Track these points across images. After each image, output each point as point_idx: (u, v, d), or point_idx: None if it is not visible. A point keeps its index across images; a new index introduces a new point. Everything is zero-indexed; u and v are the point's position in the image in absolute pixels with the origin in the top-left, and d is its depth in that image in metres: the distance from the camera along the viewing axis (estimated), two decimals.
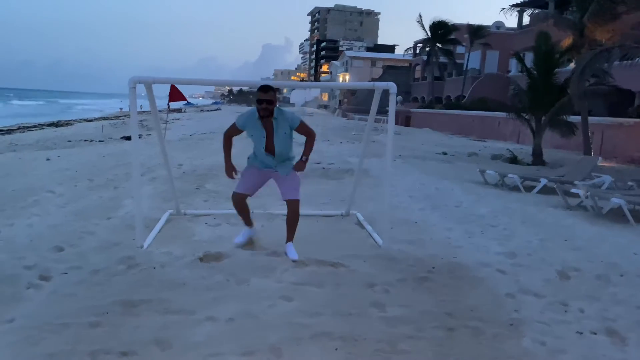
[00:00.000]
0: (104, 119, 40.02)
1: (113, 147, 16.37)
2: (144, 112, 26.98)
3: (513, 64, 36.29)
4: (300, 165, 4.98)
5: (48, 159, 12.05)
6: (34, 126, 28.13)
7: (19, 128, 26.09)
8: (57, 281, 4.19)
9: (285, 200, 5.04)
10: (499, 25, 44.83)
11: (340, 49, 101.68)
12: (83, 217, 6.40)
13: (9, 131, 23.68)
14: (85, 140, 19.20)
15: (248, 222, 5.29)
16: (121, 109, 56.92)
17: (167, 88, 6.20)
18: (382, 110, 6.36)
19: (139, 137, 7.03)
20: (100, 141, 19.17)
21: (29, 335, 3.23)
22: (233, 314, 3.62)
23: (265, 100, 4.68)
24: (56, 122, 32.15)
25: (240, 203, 5.10)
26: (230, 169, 5.13)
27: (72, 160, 11.99)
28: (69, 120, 34.62)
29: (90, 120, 37.73)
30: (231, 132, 5.13)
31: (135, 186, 5.50)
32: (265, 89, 4.71)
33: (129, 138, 17.70)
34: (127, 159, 10.85)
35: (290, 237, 5.08)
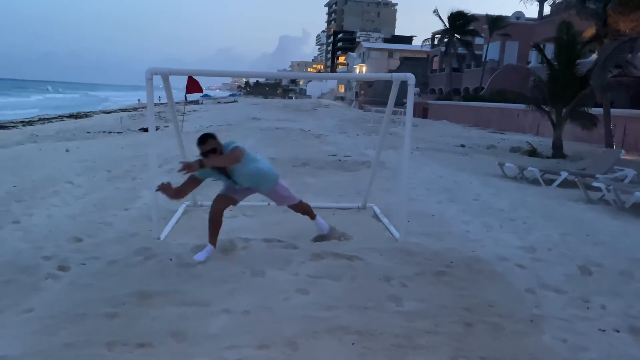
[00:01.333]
0: (123, 110, 40.37)
1: (131, 138, 16.49)
2: (161, 103, 27.14)
3: (533, 55, 35.65)
4: (192, 165, 4.26)
5: (67, 150, 12.19)
6: (54, 117, 28.47)
7: (39, 119, 26.43)
8: (75, 271, 4.22)
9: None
10: (518, 15, 44.07)
11: (357, 40, 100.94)
12: (101, 208, 6.46)
13: (30, 122, 24.00)
14: (103, 132, 19.37)
15: (214, 239, 4.65)
16: (139, 100, 57.35)
17: (185, 80, 6.19)
18: (399, 102, 6.28)
19: (157, 129, 7.04)
20: (118, 132, 19.33)
21: (47, 324, 3.26)
22: (248, 306, 3.61)
23: (207, 152, 4.39)
24: (75, 113, 32.50)
25: (219, 213, 4.66)
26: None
27: (91, 152, 12.10)
28: (88, 112, 34.98)
29: (109, 112, 38.10)
30: (191, 185, 4.66)
31: (152, 177, 5.51)
32: (202, 140, 4.42)
33: (146, 130, 17.81)
34: (145, 151, 10.91)
35: (312, 215, 5.24)
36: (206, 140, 4.43)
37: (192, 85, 5.87)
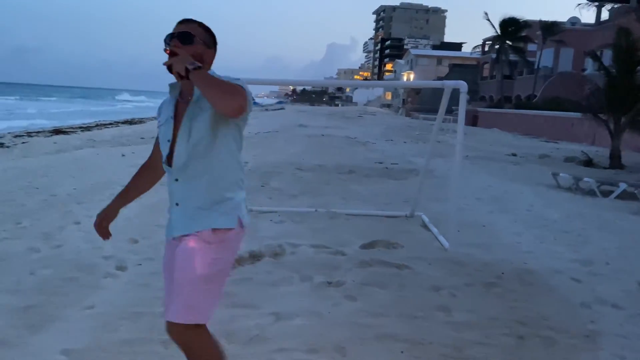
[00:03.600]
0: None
1: None
2: None
3: (589, 62, 34.41)
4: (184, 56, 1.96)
5: (123, 155, 12.69)
6: (110, 123, 29.68)
7: (96, 125, 27.61)
8: (132, 271, 4.40)
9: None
10: (574, 21, 42.65)
11: (405, 47, 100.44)
12: (155, 210, 6.68)
13: (87, 128, 25.12)
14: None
15: None
16: None
17: None
18: (449, 110, 6.22)
19: None
20: None
21: (107, 321, 3.41)
22: (297, 310, 3.65)
23: (181, 36, 2.09)
24: (130, 120, 33.77)
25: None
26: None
27: (145, 157, 12.45)
28: (141, 118, 36.27)
29: None
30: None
31: None
32: (183, 21, 2.16)
33: None
34: None
35: None
36: (189, 22, 2.14)
37: None
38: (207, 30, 2.20)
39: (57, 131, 21.26)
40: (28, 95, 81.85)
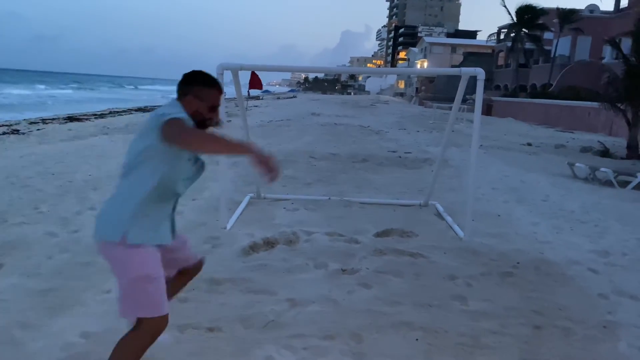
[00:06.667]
0: None
1: None
2: (226, 98, 27.76)
3: (607, 51, 33.78)
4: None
5: None
6: (124, 111, 29.84)
7: (110, 113, 27.79)
8: None
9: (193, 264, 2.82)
10: (592, 8, 41.84)
11: (419, 35, 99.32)
12: None
13: (101, 115, 25.28)
14: None
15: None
16: None
17: (247, 76, 6.33)
18: (463, 99, 6.15)
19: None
20: None
21: None
22: (313, 297, 3.66)
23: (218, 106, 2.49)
24: (143, 107, 33.93)
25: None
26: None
27: None
28: (154, 106, 36.43)
29: None
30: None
31: (220, 170, 5.69)
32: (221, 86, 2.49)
33: None
34: None
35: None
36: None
37: (255, 81, 6.01)
38: (187, 81, 2.42)
39: (71, 118, 21.44)
40: (51, 83, 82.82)
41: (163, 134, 2.19)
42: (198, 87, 2.39)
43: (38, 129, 16.06)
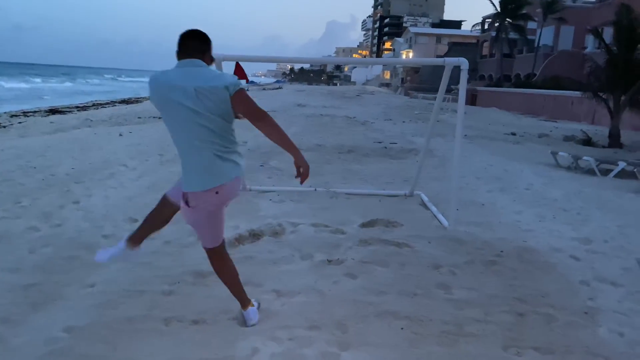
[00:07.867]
0: None
1: None
2: None
3: (590, 41, 34.07)
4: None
5: (120, 135, 12.62)
6: (107, 103, 29.48)
7: (93, 105, 27.43)
8: None
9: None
10: None
11: (404, 25, 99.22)
12: (155, 190, 6.66)
13: (84, 108, 24.94)
14: (154, 117, 19.90)
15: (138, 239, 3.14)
16: None
17: (231, 67, 6.28)
18: (447, 89, 6.17)
19: None
20: None
21: (109, 299, 3.42)
22: (299, 288, 3.67)
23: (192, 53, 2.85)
24: (127, 99, 33.54)
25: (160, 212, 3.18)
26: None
27: (142, 136, 12.49)
28: (138, 98, 36.01)
29: None
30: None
31: None
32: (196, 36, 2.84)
33: None
34: None
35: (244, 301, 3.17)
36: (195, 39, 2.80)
37: (239, 72, 5.96)
38: (207, 40, 2.84)
39: (53, 111, 21.13)
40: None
41: (239, 103, 2.74)
42: (211, 45, 2.82)
43: (19, 122, 15.81)
